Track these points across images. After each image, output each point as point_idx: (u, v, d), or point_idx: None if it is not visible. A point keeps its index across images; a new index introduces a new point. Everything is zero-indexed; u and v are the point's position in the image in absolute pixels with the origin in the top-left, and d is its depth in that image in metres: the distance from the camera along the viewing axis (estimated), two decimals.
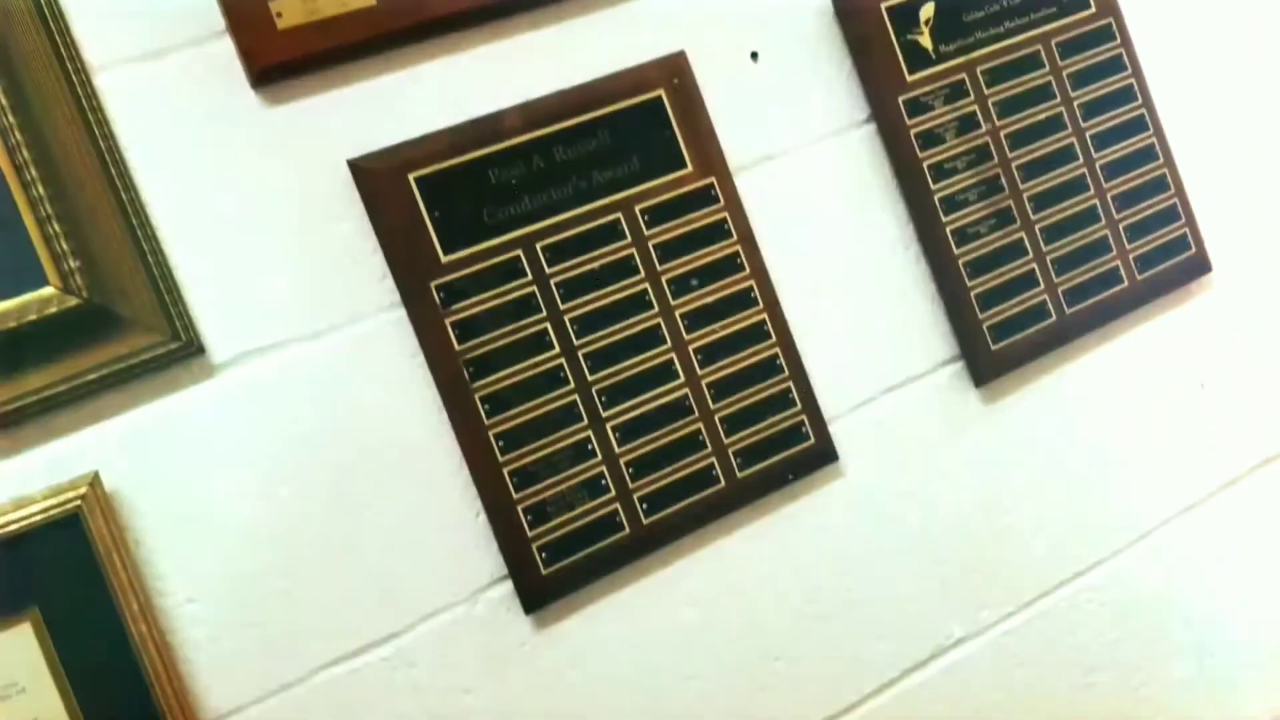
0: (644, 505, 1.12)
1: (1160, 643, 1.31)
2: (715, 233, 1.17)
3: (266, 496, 1.02)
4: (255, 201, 1.04)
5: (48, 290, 0.95)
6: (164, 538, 0.99)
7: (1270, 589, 1.37)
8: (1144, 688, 1.29)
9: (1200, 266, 1.36)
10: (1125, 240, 1.31)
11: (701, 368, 1.15)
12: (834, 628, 1.18)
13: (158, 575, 0.98)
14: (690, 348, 1.15)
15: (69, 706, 0.92)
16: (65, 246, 0.96)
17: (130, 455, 0.98)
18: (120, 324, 0.97)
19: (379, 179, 1.07)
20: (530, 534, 1.08)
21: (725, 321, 1.16)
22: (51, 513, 0.93)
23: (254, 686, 1.00)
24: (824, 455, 1.19)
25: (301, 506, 1.03)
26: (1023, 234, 1.27)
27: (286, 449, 1.03)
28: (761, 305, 1.18)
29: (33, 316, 0.94)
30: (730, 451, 1.15)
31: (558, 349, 1.10)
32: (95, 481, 0.94)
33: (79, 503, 0.93)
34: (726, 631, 1.15)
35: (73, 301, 0.96)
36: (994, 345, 1.25)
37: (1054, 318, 1.28)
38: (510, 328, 1.09)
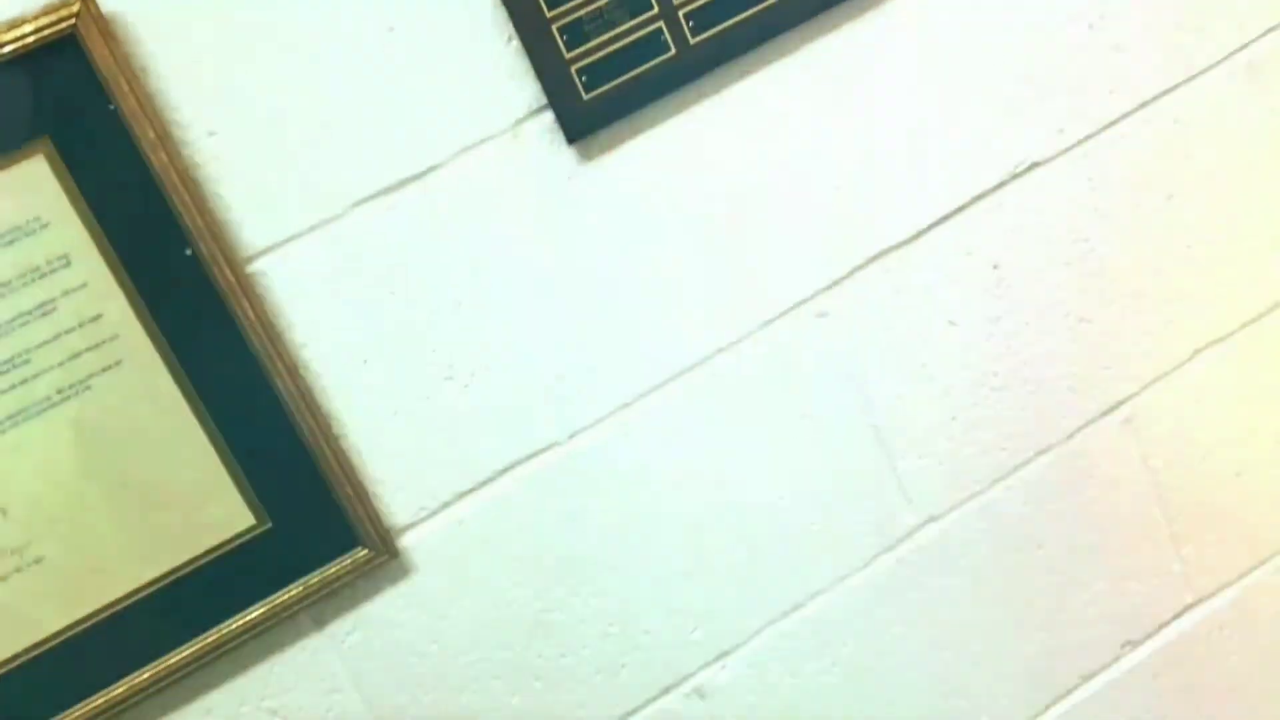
0: (690, 23, 1.02)
1: (1249, 166, 1.21)
2: None
3: (285, 45, 0.94)
4: None
5: None
6: (174, 67, 0.91)
7: None
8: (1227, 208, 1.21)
9: None
10: None
11: None
12: (899, 164, 1.10)
13: (172, 106, 0.91)
14: None
15: (95, 238, 0.88)
16: None
17: None
18: None
19: None
20: (568, 56, 0.99)
21: None
22: (45, 33, 0.85)
23: (289, 222, 0.95)
24: None
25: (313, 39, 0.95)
26: None
27: None
28: None
29: None
30: None
31: None
32: None
33: (73, 20, 0.85)
34: (784, 163, 1.07)
35: None
36: None
37: None
38: None
